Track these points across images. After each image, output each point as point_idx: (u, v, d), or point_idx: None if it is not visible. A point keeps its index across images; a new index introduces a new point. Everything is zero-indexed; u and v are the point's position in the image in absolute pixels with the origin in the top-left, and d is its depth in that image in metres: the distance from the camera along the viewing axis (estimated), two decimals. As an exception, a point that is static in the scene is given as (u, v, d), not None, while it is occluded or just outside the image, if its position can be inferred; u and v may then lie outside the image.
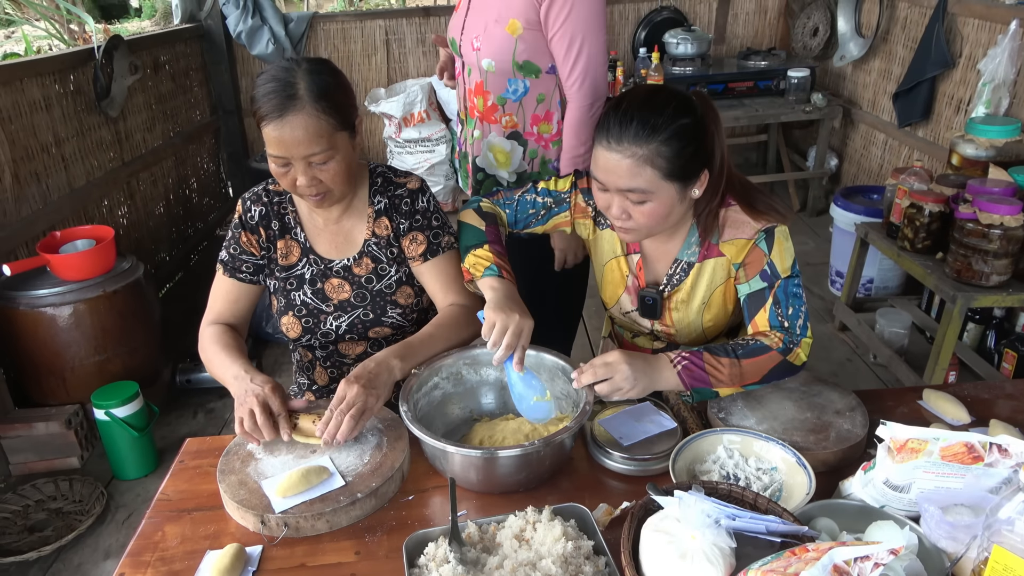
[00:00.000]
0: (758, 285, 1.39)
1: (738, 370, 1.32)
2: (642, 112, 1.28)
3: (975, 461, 1.04)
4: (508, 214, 1.55)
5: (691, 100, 1.32)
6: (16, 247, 2.67)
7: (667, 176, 1.29)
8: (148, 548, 1.19)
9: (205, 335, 1.52)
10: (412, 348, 1.41)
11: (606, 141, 1.30)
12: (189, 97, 4.35)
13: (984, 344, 2.79)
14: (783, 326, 1.37)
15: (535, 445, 1.20)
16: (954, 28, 3.32)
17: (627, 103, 1.31)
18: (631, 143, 1.27)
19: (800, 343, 1.36)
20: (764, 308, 1.38)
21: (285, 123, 1.33)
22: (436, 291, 1.56)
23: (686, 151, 1.29)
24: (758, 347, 1.34)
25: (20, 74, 2.76)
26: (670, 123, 1.27)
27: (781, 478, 1.24)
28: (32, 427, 2.45)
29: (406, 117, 4.47)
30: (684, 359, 1.32)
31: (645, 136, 1.27)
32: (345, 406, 1.27)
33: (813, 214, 4.46)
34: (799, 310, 1.37)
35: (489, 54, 1.86)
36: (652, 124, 1.27)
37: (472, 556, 1.08)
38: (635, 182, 1.29)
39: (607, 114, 1.32)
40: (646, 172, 1.28)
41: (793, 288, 1.38)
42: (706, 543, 0.95)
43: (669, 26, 4.62)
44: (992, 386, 1.55)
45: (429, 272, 1.55)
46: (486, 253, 1.43)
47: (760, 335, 1.37)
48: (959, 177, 2.64)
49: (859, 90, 4.27)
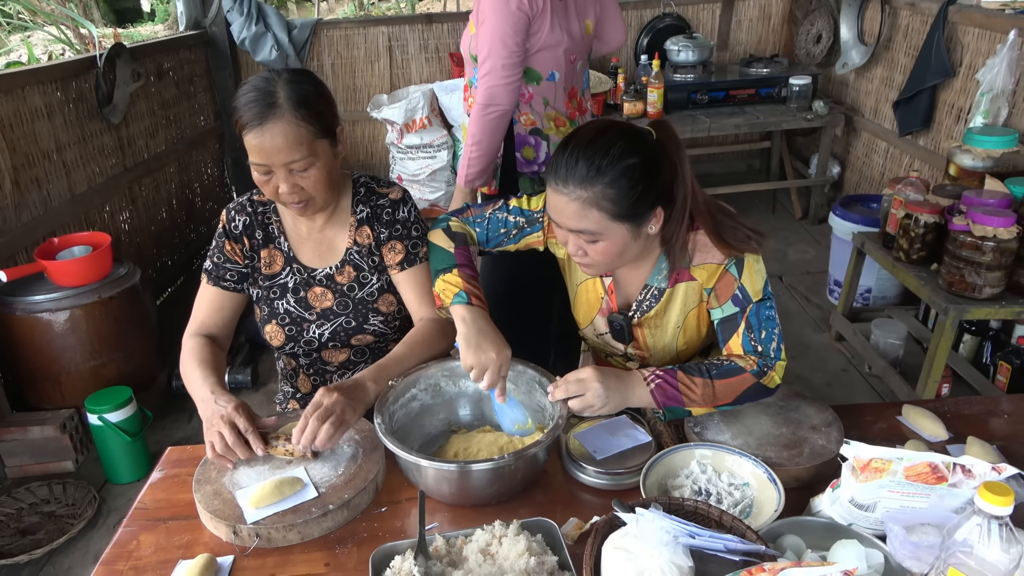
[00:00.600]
0: (730, 310, 1.38)
1: (711, 390, 1.32)
2: (587, 153, 1.26)
3: (939, 481, 1.04)
4: (479, 232, 1.54)
5: (641, 137, 1.30)
6: (16, 253, 2.70)
7: (615, 217, 1.27)
8: (122, 557, 1.21)
9: (186, 348, 1.53)
10: (384, 370, 1.42)
11: (554, 183, 1.29)
12: (193, 103, 4.39)
13: (980, 356, 2.77)
14: (756, 350, 1.36)
15: (507, 459, 1.20)
16: (955, 37, 3.30)
17: (574, 143, 1.29)
18: (576, 186, 1.26)
19: (774, 366, 1.35)
20: (737, 333, 1.37)
21: (265, 131, 1.35)
22: (411, 302, 1.57)
23: (633, 192, 1.26)
24: (732, 368, 1.34)
25: (22, 82, 2.79)
26: (615, 164, 1.25)
27: (753, 494, 1.24)
28: (27, 431, 2.48)
29: (408, 123, 4.49)
30: (658, 377, 1.32)
31: (590, 179, 1.25)
32: (322, 412, 1.27)
33: (815, 222, 4.44)
34: (772, 333, 1.36)
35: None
36: (597, 166, 1.25)
37: (437, 570, 1.08)
38: (582, 224, 1.28)
39: (556, 154, 1.30)
40: (592, 214, 1.27)
41: (765, 311, 1.37)
42: (664, 561, 0.95)
43: (672, 33, 4.62)
44: (973, 402, 1.54)
45: (405, 281, 1.57)
46: (455, 278, 1.41)
47: (735, 357, 1.37)
48: (955, 188, 2.62)
49: (861, 98, 4.25)
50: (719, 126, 4.05)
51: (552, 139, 2.28)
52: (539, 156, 2.27)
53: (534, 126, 2.23)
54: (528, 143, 2.26)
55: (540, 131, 2.25)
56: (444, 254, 1.46)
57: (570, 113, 2.31)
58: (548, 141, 2.27)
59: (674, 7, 4.81)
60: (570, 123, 2.31)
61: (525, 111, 2.22)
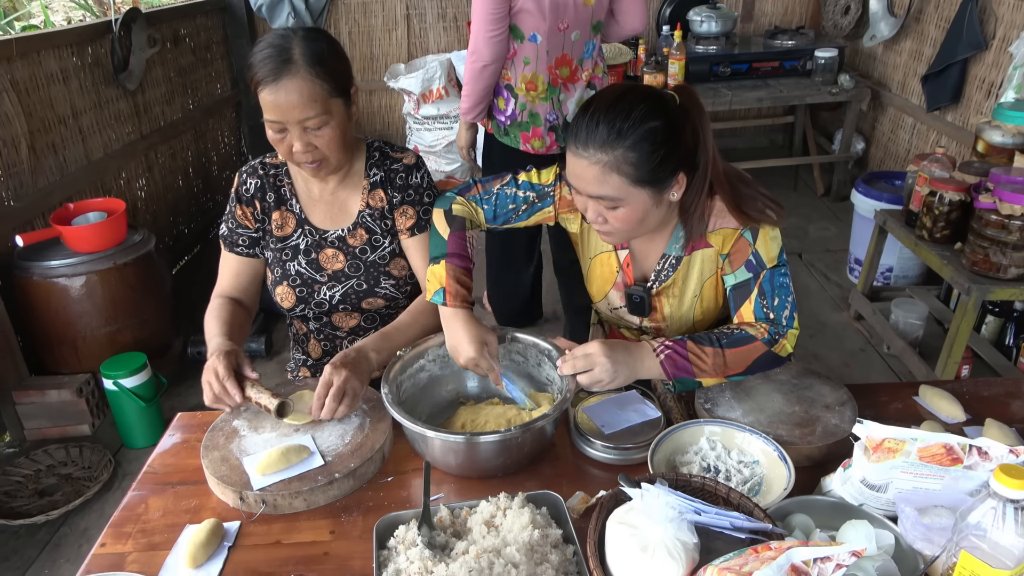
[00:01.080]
0: (743, 276, 1.36)
1: (721, 360, 1.30)
2: (608, 116, 1.22)
3: (954, 463, 1.02)
4: (486, 210, 1.49)
5: (664, 100, 1.26)
6: (32, 218, 2.72)
7: (636, 182, 1.23)
8: (131, 520, 1.22)
9: (210, 307, 1.57)
10: (387, 338, 1.44)
11: (574, 146, 1.25)
12: (210, 70, 4.37)
13: (1003, 338, 2.71)
14: (768, 317, 1.34)
15: (514, 431, 1.19)
16: (988, 8, 3.19)
17: (595, 106, 1.25)
18: (597, 149, 1.22)
19: (786, 334, 1.33)
20: (749, 299, 1.35)
21: (280, 87, 1.34)
22: (419, 268, 1.58)
23: (655, 155, 1.22)
24: (743, 336, 1.32)
25: (37, 46, 2.79)
26: (637, 127, 1.21)
27: (762, 471, 1.23)
28: (45, 394, 2.51)
29: (425, 94, 4.44)
30: (667, 348, 1.30)
31: (611, 142, 1.21)
32: (336, 390, 1.30)
33: (837, 199, 4.36)
34: (785, 300, 1.34)
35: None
36: (618, 129, 1.21)
37: (441, 540, 1.08)
38: (603, 189, 1.24)
39: (577, 118, 1.27)
40: (612, 179, 1.23)
41: (779, 279, 1.34)
42: (668, 537, 0.94)
43: (695, 3, 4.50)
44: (993, 383, 1.50)
45: (415, 247, 1.57)
46: (441, 270, 1.38)
47: (746, 325, 1.35)
48: (983, 165, 2.55)
49: (889, 71, 4.14)
50: (741, 99, 3.97)
51: (520, 99, 2.44)
52: (507, 109, 2.49)
53: (508, 81, 2.45)
54: (501, 95, 2.49)
55: (511, 87, 2.44)
56: (438, 240, 1.42)
57: (551, 79, 2.42)
58: (516, 99, 2.45)
59: (698, -24, 4.68)
60: (548, 90, 2.43)
61: (507, 66, 2.41)
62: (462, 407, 1.43)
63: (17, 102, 2.65)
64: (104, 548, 1.17)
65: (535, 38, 2.34)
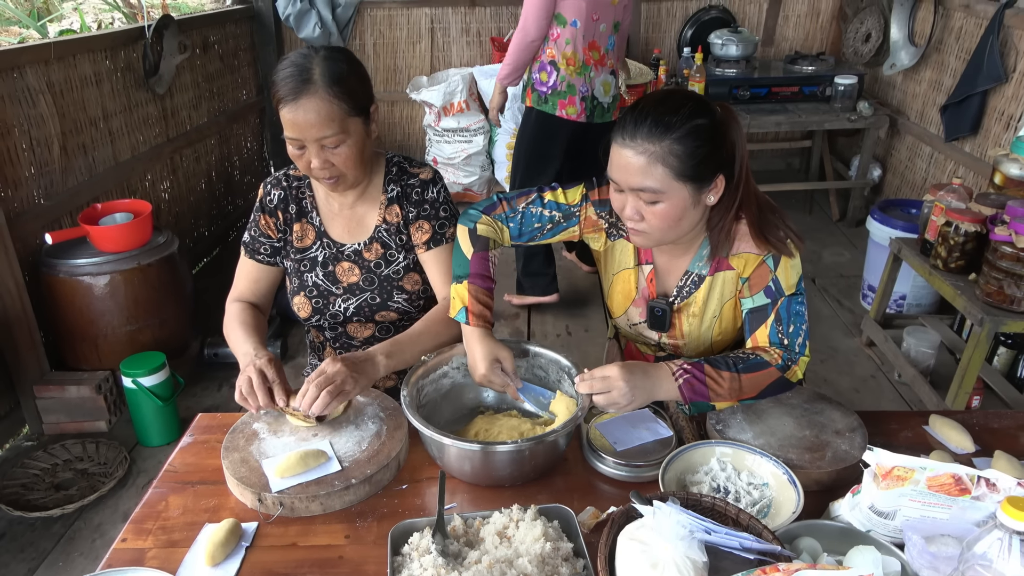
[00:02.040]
0: (761, 301, 1.39)
1: (737, 384, 1.32)
2: (657, 110, 1.28)
3: (962, 493, 1.03)
4: (512, 228, 1.51)
5: (709, 104, 1.32)
6: (61, 216, 2.78)
7: (679, 176, 1.28)
8: (151, 517, 1.25)
9: (229, 311, 1.60)
10: (399, 345, 1.46)
11: (620, 138, 1.30)
12: (236, 77, 4.46)
13: (1015, 370, 2.71)
14: (783, 343, 1.37)
15: (526, 443, 1.22)
16: (1010, 41, 3.21)
17: (644, 102, 1.31)
18: (644, 140, 1.27)
19: (798, 361, 1.36)
20: (765, 324, 1.38)
21: (299, 106, 1.38)
22: (436, 281, 1.61)
23: (700, 151, 1.27)
24: (758, 362, 1.34)
25: (73, 50, 2.87)
26: (685, 122, 1.26)
27: (771, 494, 1.24)
28: (65, 390, 2.56)
29: (446, 106, 4.50)
30: (686, 372, 1.32)
31: (659, 133, 1.26)
32: (323, 380, 1.32)
33: (852, 225, 4.37)
34: (800, 328, 1.37)
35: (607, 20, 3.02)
36: (666, 122, 1.26)
37: (455, 549, 1.10)
38: (647, 180, 1.28)
39: (625, 113, 1.32)
40: (657, 170, 1.27)
41: (796, 307, 1.37)
42: (678, 555, 0.96)
43: (717, 26, 4.56)
44: (1003, 415, 1.51)
45: (431, 260, 1.60)
46: (463, 291, 1.41)
47: (760, 350, 1.37)
48: (1000, 197, 2.56)
49: (908, 100, 4.16)
50: (759, 123, 3.99)
51: (561, 72, 3.03)
52: (549, 80, 3.06)
53: (552, 58, 3.03)
54: (545, 69, 3.06)
55: (555, 63, 3.02)
56: (462, 259, 1.44)
57: (585, 59, 3.02)
58: (558, 72, 3.03)
59: (720, 0, 4.74)
60: (583, 67, 3.02)
61: (550, 46, 3.01)
62: (479, 416, 1.46)
63: (52, 103, 2.73)
64: (125, 543, 1.20)
65: (576, 23, 2.95)
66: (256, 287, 1.65)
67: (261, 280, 1.65)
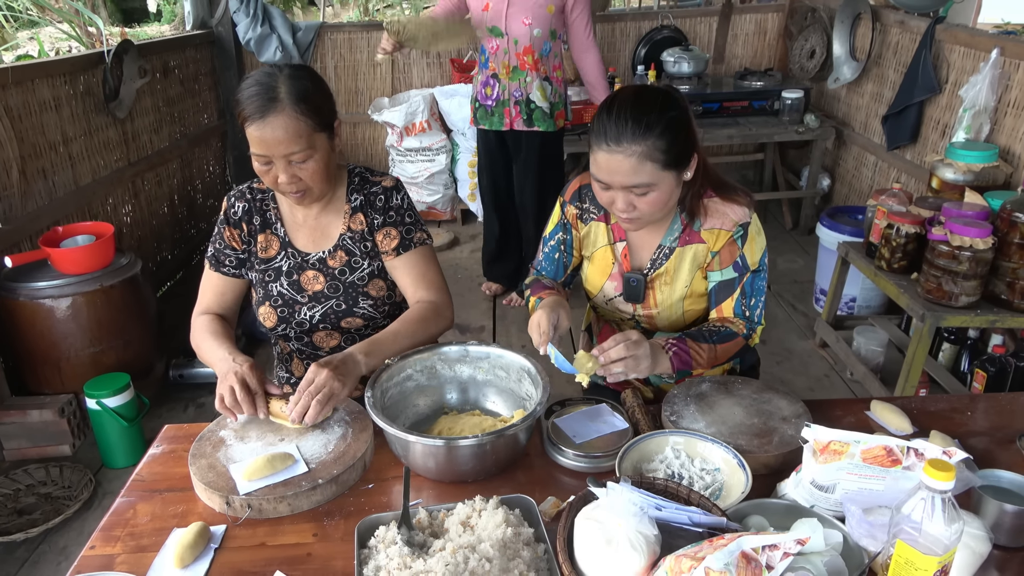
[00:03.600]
0: (729, 275, 1.54)
1: (714, 354, 1.49)
2: (635, 112, 1.38)
3: (893, 464, 1.11)
4: (548, 273, 1.72)
5: (673, 93, 1.44)
6: (20, 240, 2.77)
7: (665, 166, 1.40)
8: (119, 524, 1.26)
9: (196, 324, 1.63)
10: (377, 344, 1.49)
11: (605, 144, 1.40)
12: (197, 101, 4.47)
13: (958, 365, 2.84)
14: (745, 315, 1.54)
15: (488, 437, 1.26)
16: (941, 54, 3.39)
17: (618, 105, 1.40)
18: (630, 142, 1.37)
19: (757, 330, 1.56)
20: (732, 297, 1.54)
21: (267, 124, 1.42)
22: (407, 286, 1.64)
23: (678, 140, 1.40)
24: (728, 333, 1.52)
25: (32, 75, 2.87)
26: (661, 118, 1.38)
27: (723, 478, 1.30)
28: (27, 414, 2.53)
29: (408, 127, 4.56)
30: (673, 346, 1.47)
31: (642, 133, 1.37)
32: (314, 388, 1.36)
33: (804, 233, 4.52)
34: (759, 301, 1.56)
35: (537, 25, 3.19)
36: (646, 122, 1.37)
37: (420, 540, 1.14)
38: (638, 178, 1.40)
39: (601, 118, 1.41)
40: (646, 167, 1.39)
41: (758, 282, 1.55)
42: (631, 530, 1.01)
43: (669, 44, 4.71)
44: (940, 399, 1.61)
45: (401, 267, 1.64)
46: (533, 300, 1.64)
47: (726, 321, 1.54)
48: (936, 200, 2.70)
49: (852, 112, 4.34)
50: (713, 137, 4.13)
51: (502, 82, 3.28)
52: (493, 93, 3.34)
53: (494, 71, 3.29)
54: (488, 84, 3.35)
55: (497, 75, 3.29)
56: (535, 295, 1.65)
57: (519, 64, 3.24)
58: (499, 83, 3.30)
59: (671, 20, 4.90)
60: (515, 71, 3.26)
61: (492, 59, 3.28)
62: (443, 416, 1.50)
63: (10, 127, 2.72)
64: (94, 550, 1.21)
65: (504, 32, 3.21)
66: (222, 300, 1.67)
67: (227, 293, 1.67)
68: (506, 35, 3.24)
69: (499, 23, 3.24)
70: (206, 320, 1.62)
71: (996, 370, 2.58)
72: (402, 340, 1.52)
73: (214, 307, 1.66)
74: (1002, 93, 2.94)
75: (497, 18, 3.24)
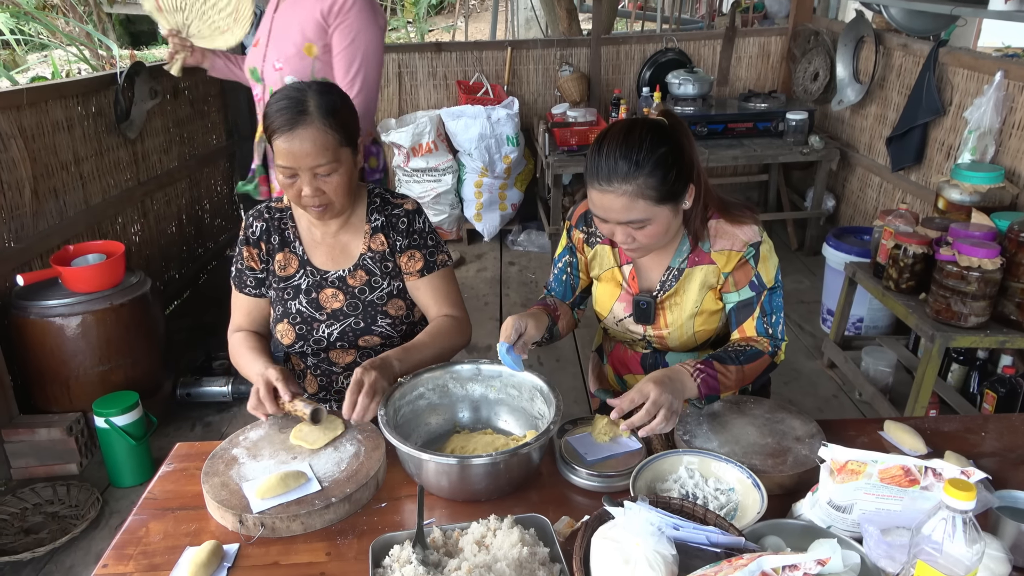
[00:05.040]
0: (747, 295, 1.54)
1: (741, 375, 1.47)
2: (623, 151, 1.38)
3: (911, 484, 1.10)
4: (558, 294, 1.74)
5: (664, 127, 1.43)
6: (31, 259, 2.78)
7: (659, 202, 1.41)
8: (132, 543, 1.26)
9: (232, 343, 1.69)
10: (409, 351, 1.54)
11: (596, 183, 1.41)
12: (206, 122, 4.51)
13: (967, 385, 2.83)
14: (768, 332, 1.54)
15: (502, 455, 1.26)
16: (944, 77, 3.42)
17: (607, 144, 1.41)
18: (620, 182, 1.38)
19: (781, 346, 1.55)
20: (752, 317, 1.54)
21: (295, 136, 1.46)
22: (430, 304, 1.68)
23: (670, 175, 1.40)
24: (754, 352, 1.51)
25: (46, 96, 2.90)
26: (650, 155, 1.38)
27: (737, 498, 1.30)
28: (35, 432, 2.53)
29: (414, 147, 4.60)
30: (701, 371, 1.44)
31: (632, 173, 1.37)
32: (369, 388, 1.39)
33: (809, 253, 4.53)
34: (779, 318, 1.56)
35: (291, 72, 2.35)
36: (635, 161, 1.37)
37: (434, 559, 1.14)
38: (632, 215, 1.41)
39: (592, 157, 1.42)
40: (639, 204, 1.40)
41: (776, 299, 1.55)
42: (648, 550, 1.01)
43: (673, 67, 4.75)
44: (953, 420, 1.60)
45: (425, 287, 1.67)
46: None
47: (751, 341, 1.53)
48: (943, 220, 2.71)
49: (856, 134, 4.36)
50: (717, 158, 4.16)
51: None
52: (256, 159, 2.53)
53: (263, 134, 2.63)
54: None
55: None
56: None
57: None
58: None
59: (676, 43, 4.95)
60: None
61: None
62: (455, 435, 1.50)
63: (24, 148, 2.75)
64: (106, 569, 1.21)
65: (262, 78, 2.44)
66: (250, 318, 1.71)
67: (253, 312, 1.71)
68: (263, 82, 2.44)
69: (258, 64, 2.44)
70: (240, 337, 1.67)
71: (1006, 391, 2.57)
72: (430, 350, 1.57)
73: (245, 325, 1.71)
74: (1006, 115, 2.96)
75: (257, 58, 2.44)
